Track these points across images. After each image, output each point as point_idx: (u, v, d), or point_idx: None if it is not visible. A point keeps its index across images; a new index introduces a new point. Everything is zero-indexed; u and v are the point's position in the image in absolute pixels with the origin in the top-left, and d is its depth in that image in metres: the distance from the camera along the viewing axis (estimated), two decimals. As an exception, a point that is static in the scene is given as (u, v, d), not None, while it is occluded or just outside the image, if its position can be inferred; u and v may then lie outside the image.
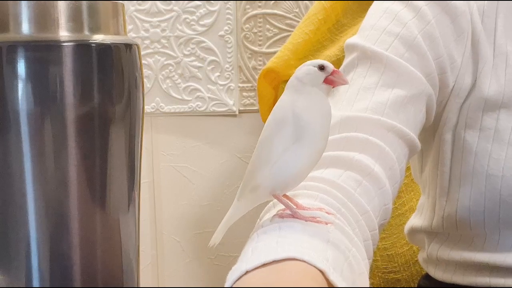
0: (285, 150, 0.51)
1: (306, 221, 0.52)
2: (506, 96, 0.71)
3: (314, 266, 0.46)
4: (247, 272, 0.46)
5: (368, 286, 0.54)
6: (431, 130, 0.76)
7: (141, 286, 0.66)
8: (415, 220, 0.84)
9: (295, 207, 0.53)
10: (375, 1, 0.75)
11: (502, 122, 0.71)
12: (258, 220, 0.57)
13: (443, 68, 0.71)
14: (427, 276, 0.84)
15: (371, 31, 0.71)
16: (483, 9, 0.72)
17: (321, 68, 0.52)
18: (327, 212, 0.54)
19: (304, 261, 0.46)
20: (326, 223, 0.52)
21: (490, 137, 0.71)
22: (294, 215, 0.52)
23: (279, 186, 0.52)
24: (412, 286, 1.04)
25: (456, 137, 0.73)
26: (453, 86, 0.73)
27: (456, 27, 0.71)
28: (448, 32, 0.71)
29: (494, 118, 0.71)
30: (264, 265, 0.46)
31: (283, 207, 0.54)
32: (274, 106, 0.53)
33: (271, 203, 0.58)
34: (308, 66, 0.53)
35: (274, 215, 0.53)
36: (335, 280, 0.46)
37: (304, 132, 0.51)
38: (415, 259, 1.04)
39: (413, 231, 0.84)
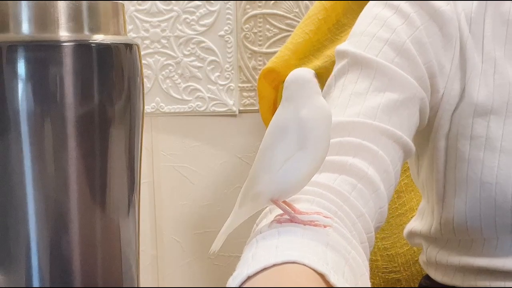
0: (288, 158, 0.51)
1: (304, 225, 0.52)
2: (495, 102, 0.71)
3: (314, 270, 0.46)
4: (248, 278, 0.46)
5: (369, 287, 0.54)
6: (425, 136, 0.76)
7: (141, 286, 0.66)
8: (415, 224, 0.84)
9: (292, 212, 0.53)
10: (365, 8, 0.76)
11: (493, 129, 0.71)
12: (255, 225, 0.57)
13: (432, 73, 0.71)
14: (428, 276, 0.84)
15: (361, 37, 0.72)
16: (470, 16, 0.73)
17: None
18: (324, 216, 0.54)
19: (304, 265, 0.46)
20: (325, 226, 0.52)
21: (482, 145, 0.71)
22: (292, 220, 0.52)
23: (280, 194, 0.52)
24: (413, 286, 1.04)
25: (449, 144, 0.74)
26: (443, 92, 0.73)
27: (444, 34, 0.72)
28: (437, 39, 0.72)
29: (485, 126, 0.71)
30: (264, 269, 0.46)
31: (280, 212, 0.54)
32: (275, 113, 0.53)
33: (267, 208, 0.58)
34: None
35: (272, 220, 0.53)
36: (336, 281, 0.46)
37: (308, 140, 0.51)
38: (415, 259, 1.04)
39: (412, 235, 0.85)
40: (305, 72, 0.51)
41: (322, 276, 0.46)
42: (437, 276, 0.81)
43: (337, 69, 0.72)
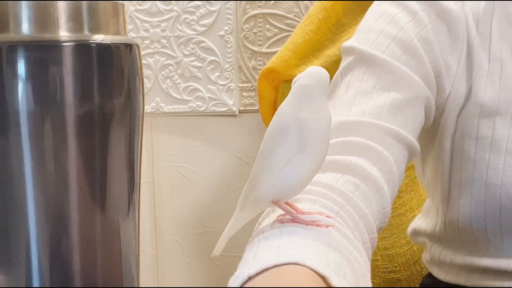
0: (289, 160, 0.51)
1: (306, 225, 0.52)
2: (501, 103, 0.71)
3: (315, 271, 0.46)
4: (249, 278, 0.46)
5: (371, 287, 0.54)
6: (431, 136, 0.76)
7: (141, 286, 0.66)
8: (420, 222, 0.84)
9: (294, 212, 0.53)
10: (372, 5, 0.75)
11: (499, 130, 0.71)
12: (257, 224, 0.57)
13: (439, 72, 0.71)
14: (431, 275, 0.84)
15: (367, 33, 0.71)
16: (478, 16, 0.73)
17: None
18: (327, 216, 0.54)
19: (305, 266, 0.46)
20: (327, 226, 0.52)
21: (487, 146, 0.71)
22: (294, 220, 0.52)
23: (282, 196, 0.52)
24: (413, 285, 1.04)
25: (455, 145, 0.74)
26: (450, 93, 0.73)
27: (452, 33, 0.72)
28: (444, 38, 0.71)
29: (490, 127, 0.71)
30: (265, 270, 0.46)
31: (282, 212, 0.54)
32: (278, 110, 0.52)
33: (270, 208, 0.58)
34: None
35: (275, 220, 0.53)
36: (336, 283, 0.46)
37: (309, 141, 0.51)
38: (415, 259, 1.04)
39: (416, 233, 0.84)
40: (320, 71, 0.51)
41: (323, 277, 0.46)
42: (440, 275, 0.81)
43: (343, 65, 0.71)
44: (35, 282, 0.58)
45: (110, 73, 0.59)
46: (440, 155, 0.75)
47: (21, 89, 0.56)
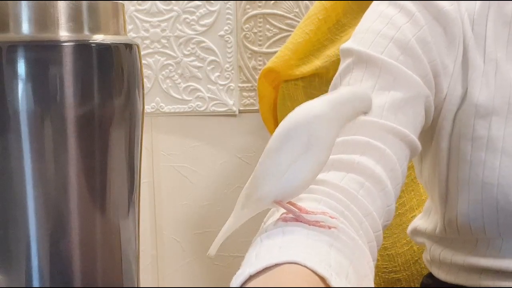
0: (294, 161, 0.51)
1: (309, 225, 0.52)
2: (496, 103, 0.71)
3: (315, 272, 0.46)
4: (250, 277, 0.46)
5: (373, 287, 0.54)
6: (428, 136, 0.76)
7: (141, 286, 0.66)
8: (420, 222, 0.84)
9: (298, 211, 0.53)
10: (369, 7, 0.76)
11: (494, 130, 0.71)
12: (262, 224, 0.57)
13: (437, 71, 0.72)
14: (431, 275, 0.84)
15: (365, 34, 0.72)
16: (473, 17, 0.73)
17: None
18: (330, 217, 0.54)
19: (306, 266, 0.46)
20: (330, 227, 0.52)
21: (483, 146, 0.72)
22: (297, 219, 0.52)
23: (284, 196, 0.53)
24: (413, 285, 1.05)
25: (452, 145, 0.74)
26: (447, 93, 0.73)
27: (448, 34, 0.72)
28: (440, 39, 0.72)
29: (486, 127, 0.71)
30: (266, 269, 0.46)
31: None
32: (289, 114, 0.53)
33: (273, 207, 0.58)
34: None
35: (278, 219, 0.53)
36: (336, 284, 0.46)
37: (314, 142, 0.51)
38: (415, 258, 1.04)
39: (416, 232, 0.85)
40: (365, 95, 0.53)
41: (323, 278, 0.46)
42: (441, 275, 0.81)
43: (342, 67, 0.72)
44: (35, 282, 0.58)
45: (110, 73, 0.59)
46: (437, 155, 0.75)
47: (21, 89, 0.56)
